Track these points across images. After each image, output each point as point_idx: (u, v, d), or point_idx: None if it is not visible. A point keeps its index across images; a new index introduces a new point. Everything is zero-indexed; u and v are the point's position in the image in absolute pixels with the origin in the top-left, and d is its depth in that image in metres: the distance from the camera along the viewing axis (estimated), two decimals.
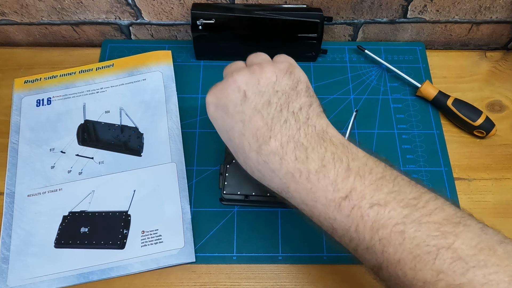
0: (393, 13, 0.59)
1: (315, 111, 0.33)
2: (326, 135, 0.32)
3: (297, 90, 0.33)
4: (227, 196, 0.47)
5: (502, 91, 0.58)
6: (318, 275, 0.45)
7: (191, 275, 0.46)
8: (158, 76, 0.56)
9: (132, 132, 0.53)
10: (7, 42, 0.64)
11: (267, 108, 0.32)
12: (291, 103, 0.32)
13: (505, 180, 0.51)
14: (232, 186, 0.47)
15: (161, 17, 0.60)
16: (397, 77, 0.59)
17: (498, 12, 0.59)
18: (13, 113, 0.54)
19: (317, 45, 0.57)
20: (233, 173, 0.48)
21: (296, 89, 0.33)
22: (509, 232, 0.49)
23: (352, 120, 0.51)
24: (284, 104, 0.32)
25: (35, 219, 0.48)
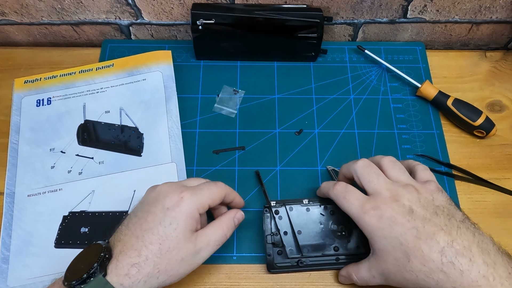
0: (393, 13, 0.59)
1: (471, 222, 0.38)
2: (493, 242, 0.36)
3: (453, 205, 0.39)
4: (280, 264, 0.45)
5: (502, 91, 0.58)
6: (318, 275, 0.45)
7: (191, 275, 0.45)
8: (158, 76, 0.56)
9: (132, 132, 0.53)
10: (7, 42, 0.64)
11: (436, 217, 0.37)
12: (454, 214, 0.37)
13: (505, 180, 0.51)
14: (284, 253, 0.45)
15: (161, 17, 0.60)
16: (397, 77, 0.59)
17: (498, 12, 0.59)
18: (13, 113, 0.54)
19: (317, 45, 0.57)
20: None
21: (451, 204, 0.39)
22: (509, 232, 0.49)
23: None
24: (449, 215, 0.37)
25: (35, 219, 0.48)
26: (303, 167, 0.52)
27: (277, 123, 0.55)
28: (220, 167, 0.52)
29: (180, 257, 0.37)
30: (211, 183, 0.42)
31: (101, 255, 0.35)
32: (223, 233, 0.41)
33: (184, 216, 0.37)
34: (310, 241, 0.45)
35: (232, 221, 0.42)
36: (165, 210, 0.38)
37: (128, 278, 0.35)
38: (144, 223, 0.37)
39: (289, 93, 0.57)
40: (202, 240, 0.39)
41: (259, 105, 0.57)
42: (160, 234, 0.36)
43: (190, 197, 0.38)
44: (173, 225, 0.37)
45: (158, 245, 0.36)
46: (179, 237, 0.37)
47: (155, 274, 0.36)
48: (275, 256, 0.45)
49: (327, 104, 0.57)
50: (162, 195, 0.39)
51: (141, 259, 0.35)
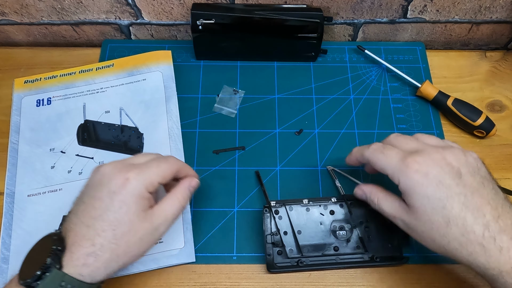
0: (393, 13, 0.59)
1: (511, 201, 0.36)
2: None
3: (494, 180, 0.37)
4: (280, 264, 0.45)
5: (502, 91, 0.58)
6: (318, 275, 0.45)
7: (191, 275, 0.46)
8: (158, 76, 0.56)
9: (132, 132, 0.53)
10: (7, 42, 0.64)
11: (483, 188, 0.35)
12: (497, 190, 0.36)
13: (505, 180, 0.51)
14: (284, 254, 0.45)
15: (161, 17, 0.60)
16: (397, 77, 0.59)
17: (498, 12, 0.59)
18: (13, 113, 0.54)
19: (317, 45, 0.57)
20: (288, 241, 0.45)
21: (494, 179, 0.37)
22: None
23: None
24: (494, 189, 0.36)
25: (35, 219, 0.48)
26: (303, 167, 0.52)
27: (277, 123, 0.55)
28: (220, 167, 0.52)
29: (138, 238, 0.36)
30: (161, 158, 0.40)
31: (53, 248, 0.34)
32: (179, 205, 0.40)
33: (133, 198, 0.36)
34: (310, 241, 0.45)
35: (188, 191, 0.41)
36: (111, 194, 0.36)
37: (86, 267, 0.34)
38: (92, 210, 0.36)
39: (289, 93, 0.57)
40: (158, 216, 0.38)
41: (259, 105, 0.57)
42: (110, 220, 0.35)
43: (136, 177, 0.36)
44: (123, 209, 0.36)
45: (112, 231, 0.35)
46: (132, 220, 0.36)
47: (114, 258, 0.35)
48: (275, 256, 0.45)
49: (327, 104, 0.57)
50: (106, 178, 0.37)
51: (96, 248, 0.34)
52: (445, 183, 0.35)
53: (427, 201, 0.35)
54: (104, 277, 0.35)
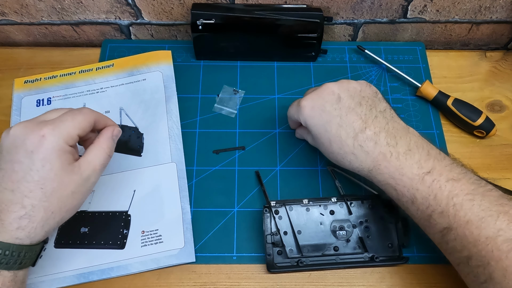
0: (393, 13, 0.59)
1: (394, 113, 0.43)
2: (408, 129, 0.42)
3: (378, 97, 0.44)
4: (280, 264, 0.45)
5: (502, 91, 0.58)
6: (318, 275, 0.45)
7: (191, 275, 0.46)
8: (158, 76, 0.56)
9: (132, 132, 0.53)
10: (7, 42, 0.64)
11: (359, 107, 0.42)
12: (376, 105, 0.43)
13: (505, 180, 0.51)
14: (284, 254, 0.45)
15: (161, 17, 0.60)
16: (397, 77, 0.59)
17: (498, 12, 0.59)
18: (13, 113, 0.54)
19: (317, 45, 0.57)
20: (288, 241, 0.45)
21: (377, 96, 0.44)
22: None
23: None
24: (372, 105, 0.42)
25: None
26: (303, 167, 0.52)
27: (277, 123, 0.55)
28: (220, 167, 0.52)
29: (70, 191, 0.36)
30: (75, 110, 0.39)
31: None
32: (105, 154, 0.39)
33: (54, 154, 0.35)
34: (310, 241, 0.45)
35: (111, 140, 0.41)
36: (29, 154, 0.35)
37: (22, 230, 0.34)
38: (13, 174, 0.35)
39: (289, 93, 0.57)
40: (86, 167, 0.38)
41: (259, 105, 0.56)
42: (36, 179, 0.35)
43: (52, 133, 0.36)
44: (46, 167, 0.35)
45: (40, 190, 0.35)
46: (59, 175, 0.35)
47: (50, 216, 0.35)
48: (275, 256, 0.45)
49: None
50: (20, 139, 0.36)
51: (28, 209, 0.34)
52: (325, 110, 0.42)
53: (315, 128, 0.43)
54: (43, 236, 0.36)
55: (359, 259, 0.45)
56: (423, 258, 0.46)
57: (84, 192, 0.38)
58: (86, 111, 0.40)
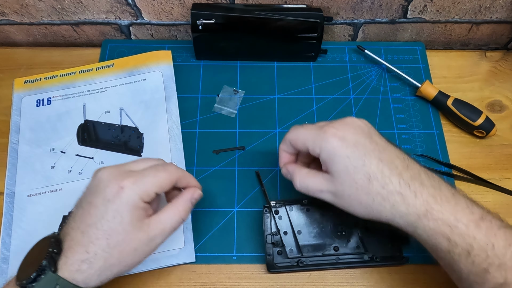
0: (393, 13, 0.59)
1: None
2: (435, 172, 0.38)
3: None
4: (280, 264, 0.45)
5: (502, 91, 0.58)
6: (318, 275, 0.45)
7: (191, 275, 0.46)
8: (158, 76, 0.56)
9: (132, 132, 0.53)
10: (7, 42, 0.64)
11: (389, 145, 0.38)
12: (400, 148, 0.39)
13: (505, 180, 0.51)
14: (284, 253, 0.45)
15: (161, 17, 0.60)
16: (397, 77, 0.59)
17: (498, 12, 0.59)
18: (13, 113, 0.54)
19: (317, 45, 0.57)
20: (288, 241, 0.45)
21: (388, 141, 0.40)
22: None
23: None
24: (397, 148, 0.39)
25: (35, 219, 0.48)
26: None
27: (277, 123, 0.55)
28: (220, 167, 0.52)
29: (133, 248, 0.36)
30: (159, 167, 0.38)
31: (49, 250, 0.33)
32: (179, 217, 0.38)
33: (127, 208, 0.35)
34: (310, 241, 0.45)
35: (189, 203, 0.40)
36: (106, 202, 0.35)
37: (80, 273, 0.34)
38: (87, 217, 0.35)
39: (289, 93, 0.57)
40: (155, 227, 0.37)
41: (259, 105, 0.57)
42: (104, 229, 0.35)
43: (131, 186, 0.35)
44: (117, 219, 0.35)
45: (105, 240, 0.34)
46: (126, 230, 0.35)
47: (107, 267, 0.35)
48: (275, 256, 0.45)
49: (327, 104, 0.57)
50: (102, 184, 0.36)
51: (90, 255, 0.34)
52: (361, 142, 0.37)
53: (348, 161, 0.36)
54: (98, 284, 0.35)
55: (359, 259, 0.45)
56: (423, 258, 0.46)
57: (147, 252, 0.37)
58: (171, 169, 0.39)
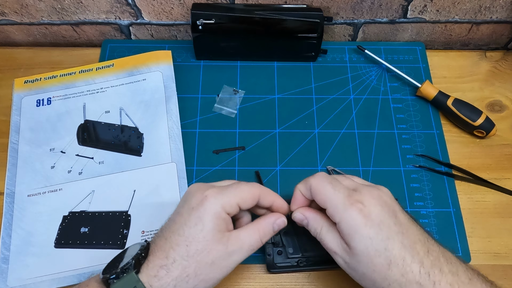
0: (393, 13, 0.59)
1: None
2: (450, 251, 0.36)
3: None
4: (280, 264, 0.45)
5: (502, 91, 0.58)
6: (317, 275, 0.45)
7: None
8: (158, 76, 0.56)
9: (132, 132, 0.53)
10: (7, 42, 0.64)
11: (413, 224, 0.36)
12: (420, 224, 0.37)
13: (505, 180, 0.51)
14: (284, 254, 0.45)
15: (161, 17, 0.60)
16: (397, 77, 0.59)
17: (498, 12, 0.59)
18: (13, 113, 0.54)
19: (317, 45, 0.57)
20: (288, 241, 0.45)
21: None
22: (509, 232, 0.49)
23: None
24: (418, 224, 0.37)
25: (35, 219, 0.48)
26: (303, 167, 0.52)
27: (277, 123, 0.55)
28: (220, 167, 0.52)
29: (210, 260, 0.35)
30: (242, 182, 0.39)
31: (138, 252, 0.35)
32: (258, 238, 0.37)
33: (209, 216, 0.35)
34: (310, 241, 0.45)
35: (271, 227, 0.39)
36: (190, 210, 0.36)
37: (157, 279, 0.34)
38: (172, 224, 0.36)
39: (289, 93, 0.57)
40: (234, 242, 0.36)
41: (259, 105, 0.57)
42: (185, 235, 0.35)
43: (214, 196, 0.36)
44: (198, 226, 0.35)
45: (185, 247, 0.34)
46: (206, 238, 0.35)
47: (184, 278, 0.34)
48: (275, 256, 0.45)
49: (327, 104, 0.57)
50: (189, 195, 0.37)
51: (169, 261, 0.34)
52: (385, 223, 0.34)
53: (370, 242, 0.34)
54: None
55: None
56: None
57: (223, 267, 0.36)
58: (253, 185, 0.39)
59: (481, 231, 0.48)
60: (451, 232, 0.48)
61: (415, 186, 0.51)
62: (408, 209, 0.50)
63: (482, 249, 0.47)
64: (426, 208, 0.50)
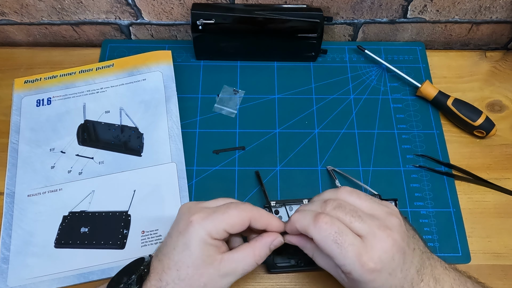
0: (393, 13, 0.59)
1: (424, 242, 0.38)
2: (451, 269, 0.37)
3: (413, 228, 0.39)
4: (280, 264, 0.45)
5: (502, 91, 0.58)
6: (318, 275, 0.45)
7: None
8: (158, 76, 0.56)
9: (132, 132, 0.53)
10: (7, 42, 0.64)
11: (413, 252, 0.35)
12: (413, 234, 0.37)
13: (505, 180, 0.51)
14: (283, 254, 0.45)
15: (161, 17, 0.60)
16: (397, 77, 0.59)
17: (498, 12, 0.59)
18: (13, 113, 0.54)
19: (317, 45, 0.57)
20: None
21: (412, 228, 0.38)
22: (509, 232, 0.49)
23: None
24: (413, 238, 0.37)
25: (35, 219, 0.48)
26: (303, 167, 0.52)
27: (277, 123, 0.55)
28: (220, 167, 0.52)
29: (202, 283, 0.35)
30: (231, 205, 0.36)
31: (141, 268, 0.35)
32: (253, 260, 0.36)
33: (196, 242, 0.34)
34: None
35: (267, 248, 0.37)
36: (178, 234, 0.35)
37: None
38: (164, 246, 0.36)
39: (289, 93, 0.57)
40: (227, 265, 0.35)
41: (259, 105, 0.57)
42: (175, 260, 0.35)
43: (199, 222, 0.35)
44: (186, 252, 0.34)
45: (176, 271, 0.34)
46: (196, 264, 0.34)
47: None
48: (275, 256, 0.45)
49: (327, 104, 0.57)
50: (179, 217, 0.37)
51: (162, 284, 0.34)
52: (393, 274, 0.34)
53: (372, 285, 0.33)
54: None
55: None
56: None
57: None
58: (243, 208, 0.36)
59: (481, 231, 0.48)
60: (451, 232, 0.48)
61: (415, 186, 0.51)
62: (408, 209, 0.50)
63: (482, 249, 0.47)
64: (426, 208, 0.50)
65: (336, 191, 0.38)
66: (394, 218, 0.35)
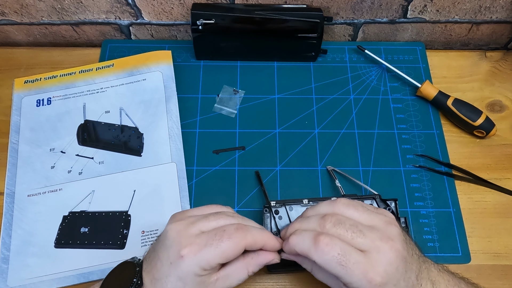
0: (393, 13, 0.59)
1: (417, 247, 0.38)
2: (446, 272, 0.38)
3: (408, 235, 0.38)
4: None
5: (502, 91, 0.58)
6: None
7: None
8: (158, 76, 0.56)
9: (132, 132, 0.53)
10: (7, 42, 0.64)
11: (411, 258, 0.35)
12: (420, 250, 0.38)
13: (505, 180, 0.51)
14: None
15: (161, 17, 0.60)
16: (397, 77, 0.59)
17: (498, 12, 0.59)
18: (13, 113, 0.54)
19: (317, 45, 0.57)
20: None
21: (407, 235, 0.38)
22: (509, 232, 0.49)
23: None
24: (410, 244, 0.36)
25: (35, 219, 0.48)
26: (303, 167, 0.52)
27: (277, 123, 0.55)
28: (220, 167, 0.52)
29: None
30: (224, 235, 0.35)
31: (134, 281, 0.34)
32: (246, 275, 0.37)
33: (189, 276, 0.34)
34: None
35: (262, 265, 0.38)
36: (169, 263, 0.34)
37: None
38: (155, 270, 0.35)
39: (289, 93, 0.57)
40: (222, 282, 0.36)
41: (259, 105, 0.57)
42: (169, 287, 0.34)
43: (191, 257, 0.34)
44: (179, 283, 0.34)
45: None
46: None
47: None
48: None
49: (327, 104, 0.57)
50: (168, 242, 0.35)
51: None
52: (397, 284, 0.33)
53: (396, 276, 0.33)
54: None
55: None
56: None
57: None
58: (238, 238, 0.35)
59: (481, 231, 0.48)
60: (451, 232, 0.48)
61: (415, 186, 0.51)
62: (408, 209, 0.50)
63: (482, 249, 0.47)
64: (426, 208, 0.50)
65: (332, 205, 0.37)
66: (393, 227, 0.35)
